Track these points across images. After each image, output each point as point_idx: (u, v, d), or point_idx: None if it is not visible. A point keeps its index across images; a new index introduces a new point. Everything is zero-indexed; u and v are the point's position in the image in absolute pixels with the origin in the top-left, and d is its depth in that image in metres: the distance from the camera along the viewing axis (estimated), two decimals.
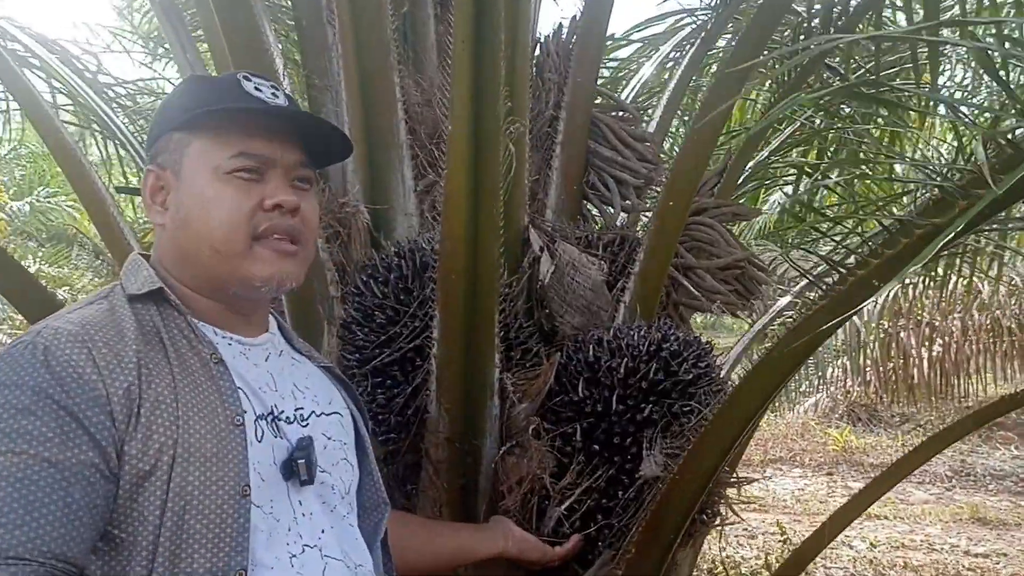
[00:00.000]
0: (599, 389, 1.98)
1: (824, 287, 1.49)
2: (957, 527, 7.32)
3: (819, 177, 3.59)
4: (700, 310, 2.60)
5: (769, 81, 3.29)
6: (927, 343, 10.06)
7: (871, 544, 6.77)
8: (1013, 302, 10.54)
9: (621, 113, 2.63)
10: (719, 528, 2.14)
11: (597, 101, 2.57)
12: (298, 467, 1.24)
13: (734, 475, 2.12)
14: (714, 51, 3.33)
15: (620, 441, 1.94)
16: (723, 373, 2.25)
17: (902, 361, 9.97)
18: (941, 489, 8.95)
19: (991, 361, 10.71)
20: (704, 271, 2.51)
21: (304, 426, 1.31)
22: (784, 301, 3.40)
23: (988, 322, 10.61)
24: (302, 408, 1.33)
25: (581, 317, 2.21)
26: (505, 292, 2.05)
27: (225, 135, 1.22)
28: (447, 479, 1.99)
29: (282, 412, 1.29)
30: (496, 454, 1.97)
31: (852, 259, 1.41)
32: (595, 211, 2.58)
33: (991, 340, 10.69)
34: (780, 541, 5.74)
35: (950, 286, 9.46)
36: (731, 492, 2.10)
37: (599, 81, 2.67)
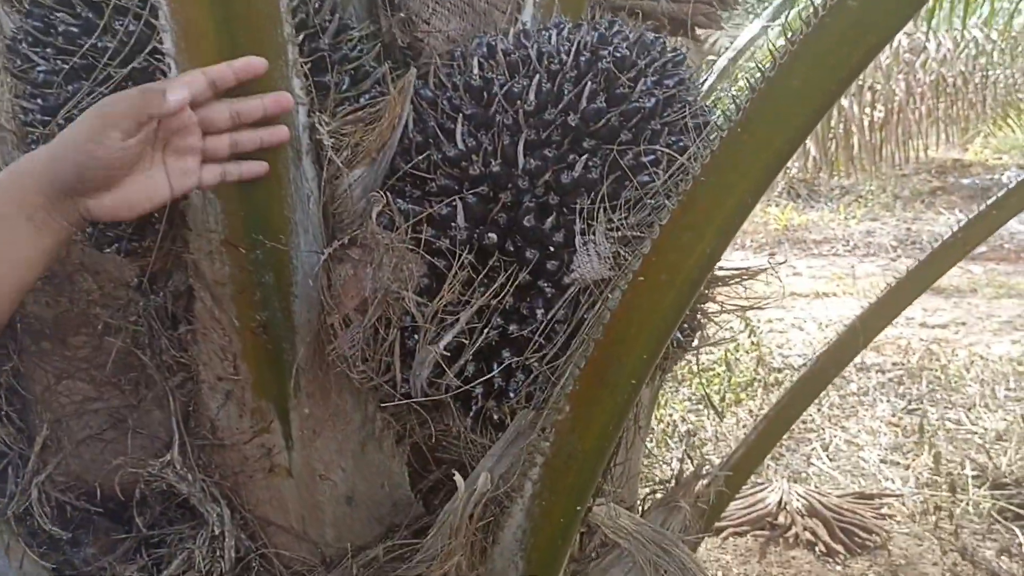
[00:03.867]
0: (493, 134, 1.11)
1: None
2: None
3: None
4: (651, 18, 1.70)
5: None
6: (869, 108, 9.43)
7: (822, 325, 6.27)
8: (961, 55, 9.89)
9: None
10: (698, 351, 1.36)
11: None
12: None
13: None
14: None
15: (534, 223, 1.09)
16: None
17: (843, 130, 9.35)
18: (887, 260, 8.51)
19: (934, 125, 10.21)
20: None
21: None
22: (754, 30, 2.51)
23: (933, 80, 10.01)
24: None
25: (460, 21, 1.30)
26: None
27: None
28: (237, 311, 1.13)
29: None
30: (317, 262, 1.11)
31: None
32: None
33: (935, 101, 10.12)
34: (741, 332, 5.13)
35: (895, 43, 8.71)
36: (720, 293, 1.29)
37: None
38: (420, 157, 1.12)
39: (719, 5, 1.89)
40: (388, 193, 1.12)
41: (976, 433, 3.96)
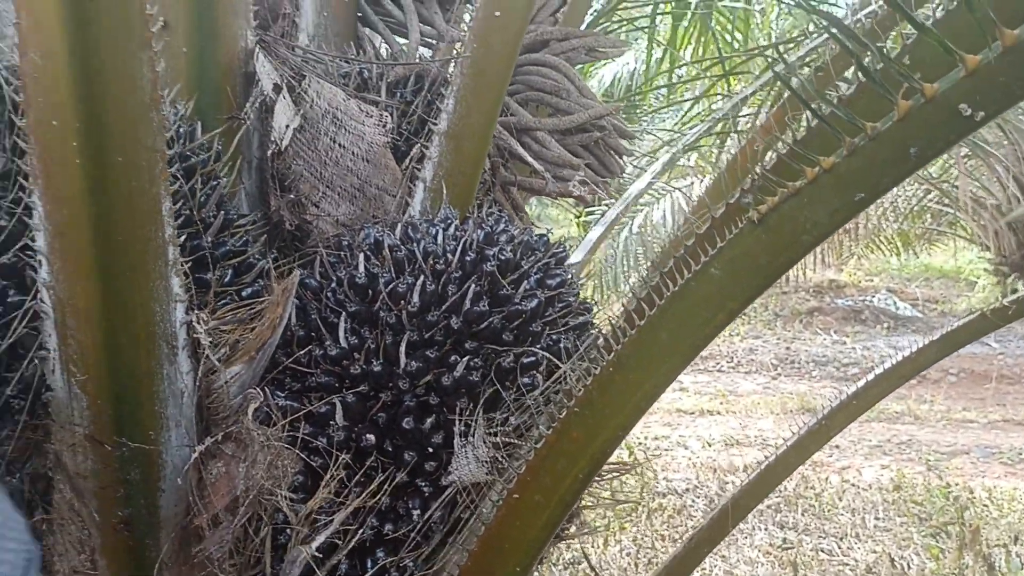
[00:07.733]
0: (376, 332, 1.12)
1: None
2: (787, 419, 7.09)
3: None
4: (541, 194, 1.77)
5: None
6: None
7: (706, 443, 6.41)
8: None
9: None
10: (581, 539, 1.36)
11: None
12: None
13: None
14: None
15: (414, 424, 1.10)
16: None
17: None
18: (767, 378, 8.81)
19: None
20: (548, 134, 1.68)
21: None
22: (641, 184, 2.62)
23: None
24: None
25: (350, 205, 1.31)
26: (196, 159, 1.12)
27: None
28: (98, 505, 1.08)
29: None
30: (188, 457, 1.08)
31: None
32: (380, 40, 1.66)
33: None
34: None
35: None
36: (602, 488, 1.31)
37: None
38: (301, 352, 1.12)
39: (604, 174, 1.98)
40: (266, 387, 1.11)
41: (847, 564, 4.07)
